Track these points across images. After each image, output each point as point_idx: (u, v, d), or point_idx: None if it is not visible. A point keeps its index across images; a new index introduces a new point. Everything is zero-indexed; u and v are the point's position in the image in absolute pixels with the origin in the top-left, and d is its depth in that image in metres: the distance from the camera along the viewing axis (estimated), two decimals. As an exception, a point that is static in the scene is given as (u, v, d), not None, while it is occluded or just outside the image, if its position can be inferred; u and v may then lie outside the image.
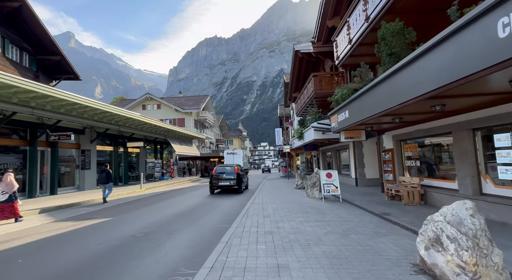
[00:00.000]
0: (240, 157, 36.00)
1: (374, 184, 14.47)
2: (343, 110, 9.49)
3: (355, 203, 9.24)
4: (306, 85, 17.83)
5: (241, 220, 6.78)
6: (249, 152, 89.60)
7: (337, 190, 10.03)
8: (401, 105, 5.72)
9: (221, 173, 14.43)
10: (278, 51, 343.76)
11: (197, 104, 38.65)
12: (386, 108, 6.36)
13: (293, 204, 9.32)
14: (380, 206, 8.50)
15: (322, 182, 10.20)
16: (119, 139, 19.47)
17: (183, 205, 10.35)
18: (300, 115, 21.50)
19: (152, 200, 12.16)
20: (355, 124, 8.76)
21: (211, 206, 9.99)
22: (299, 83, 23.74)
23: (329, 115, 11.43)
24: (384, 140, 11.51)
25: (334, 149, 19.71)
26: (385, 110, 6.40)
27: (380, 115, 6.91)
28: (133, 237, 5.63)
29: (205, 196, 13.13)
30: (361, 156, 14.91)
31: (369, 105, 7.38)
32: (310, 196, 11.17)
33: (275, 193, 13.16)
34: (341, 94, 9.51)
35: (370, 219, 6.85)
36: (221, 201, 11.23)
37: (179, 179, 25.97)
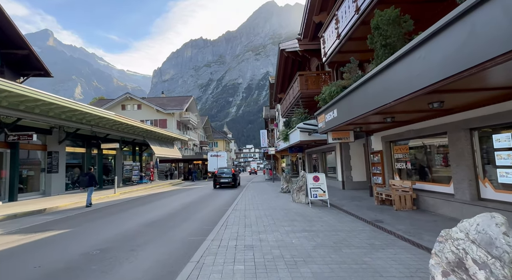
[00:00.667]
0: (224, 160, 35.05)
1: (362, 188, 14.00)
2: (331, 109, 8.88)
3: (344, 208, 8.62)
4: (292, 85, 17.26)
5: (219, 231, 5.95)
6: (234, 155, 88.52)
7: (325, 194, 9.39)
8: (396, 101, 5.12)
9: (222, 173, 20.09)
10: (264, 54, 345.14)
11: (180, 104, 37.41)
12: (379, 106, 5.75)
13: (278, 211, 8.58)
14: (371, 211, 7.91)
15: (309, 186, 9.53)
16: (92, 140, 18.11)
17: (156, 212, 9.38)
18: (286, 116, 20.91)
19: (124, 207, 11.09)
20: (344, 124, 8.17)
21: (188, 213, 9.09)
22: (284, 84, 23.20)
23: (316, 115, 10.83)
24: (373, 142, 11.02)
25: (320, 151, 19.22)
26: (378, 108, 5.80)
27: (371, 113, 6.31)
28: (85, 256, 4.68)
29: (183, 202, 12.18)
30: (348, 158, 14.43)
31: (359, 103, 6.79)
32: (296, 201, 10.48)
33: (259, 197, 12.40)
34: (329, 92, 8.91)
35: (362, 227, 6.20)
36: (199, 208, 10.34)
37: (159, 182, 24.72)
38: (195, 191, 18.01)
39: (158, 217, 8.43)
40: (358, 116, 6.94)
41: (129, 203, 12.07)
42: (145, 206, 10.99)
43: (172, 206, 10.71)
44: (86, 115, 14.02)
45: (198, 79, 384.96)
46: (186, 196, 14.82)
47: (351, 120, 7.47)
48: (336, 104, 8.41)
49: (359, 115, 6.82)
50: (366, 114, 6.47)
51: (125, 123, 17.32)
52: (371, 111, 6.21)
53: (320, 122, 10.41)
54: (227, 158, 35.79)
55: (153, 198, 14.18)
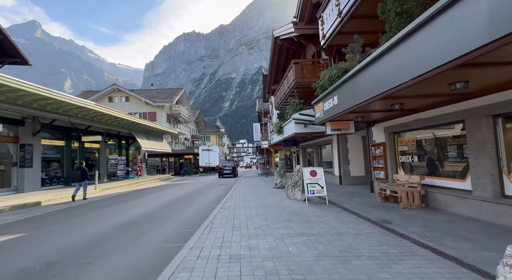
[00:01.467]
0: (216, 154, 34.04)
1: (360, 183, 13.21)
2: (331, 96, 7.95)
3: (345, 206, 7.76)
4: (286, 74, 16.29)
5: (201, 236, 4.99)
6: (227, 149, 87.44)
7: (323, 190, 8.50)
8: (415, 80, 4.20)
9: (225, 167, 26.99)
10: (257, 48, 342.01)
11: (170, 97, 36.05)
12: (391, 87, 4.83)
13: (271, 209, 7.66)
14: (375, 210, 7.06)
15: (305, 182, 8.63)
16: (72, 132, 16.86)
17: (134, 212, 8.37)
18: (280, 108, 19.96)
19: (100, 204, 10.03)
20: (345, 113, 7.24)
21: (170, 212, 8.10)
22: (278, 74, 22.18)
23: (313, 103, 9.89)
24: (374, 133, 10.17)
25: (316, 144, 18.37)
26: (390, 90, 4.88)
27: (380, 98, 5.39)
28: (23, 272, 3.67)
29: (167, 199, 11.17)
30: (345, 151, 13.59)
31: (365, 86, 5.86)
32: (291, 198, 9.58)
33: (251, 194, 11.48)
34: (329, 76, 7.96)
35: (369, 229, 5.32)
36: (183, 206, 9.36)
37: (147, 177, 23.58)
38: (183, 186, 17.00)
39: (135, 217, 7.42)
40: (363, 102, 6.02)
41: (108, 201, 11.01)
42: (124, 204, 9.96)
43: (154, 204, 9.69)
44: (62, 104, 12.79)
45: (191, 73, 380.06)
46: (172, 192, 13.80)
47: (354, 108, 6.55)
48: (336, 89, 7.47)
49: (365, 100, 5.89)
50: (373, 99, 5.55)
51: (107, 114, 16.10)
52: (379, 95, 5.29)
53: (318, 112, 9.48)
54: (219, 152, 34.78)
55: (136, 194, 13.12)
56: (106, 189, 15.03)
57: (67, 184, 16.48)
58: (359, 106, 6.33)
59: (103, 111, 15.43)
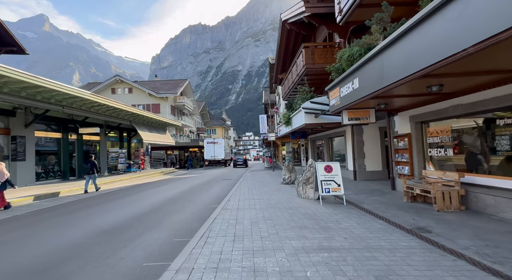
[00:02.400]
0: (222, 147, 33.11)
1: (376, 178, 12.05)
2: (350, 79, 6.74)
3: (365, 207, 6.64)
4: (295, 60, 15.03)
5: (194, 250, 3.96)
6: (233, 142, 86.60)
7: (340, 189, 7.38)
8: (486, 43, 3.00)
9: (238, 159, 33.61)
10: (264, 40, 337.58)
11: (174, 88, 35.03)
12: (437, 61, 3.66)
13: (280, 211, 6.59)
14: (404, 213, 5.93)
15: (319, 178, 7.52)
16: (69, 124, 16.02)
17: (123, 212, 7.41)
18: (288, 98, 18.76)
19: (90, 202, 9.12)
20: (368, 98, 6.04)
21: (163, 213, 7.11)
22: (286, 63, 20.88)
23: (327, 89, 8.68)
24: (397, 123, 8.94)
25: (326, 136, 17.15)
26: (436, 65, 3.71)
27: (419, 76, 4.21)
28: None
29: (165, 196, 10.22)
30: (360, 144, 12.38)
31: (397, 63, 4.66)
32: (302, 196, 8.50)
33: (257, 190, 10.43)
34: (348, 54, 6.74)
35: (405, 241, 4.21)
36: (180, 205, 8.37)
37: (150, 171, 22.79)
38: (185, 181, 16.08)
39: (122, 219, 6.45)
40: (394, 83, 4.83)
41: (101, 198, 10.11)
42: (117, 202, 9.03)
43: (149, 203, 8.73)
44: (53, 93, 11.86)
45: (197, 66, 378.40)
46: (172, 188, 12.87)
47: (381, 91, 5.36)
48: (358, 70, 6.26)
49: (397, 81, 4.71)
50: (409, 78, 4.38)
51: (104, 105, 15.17)
52: (418, 73, 4.13)
53: (333, 99, 8.29)
54: (224, 145, 33.83)
55: (133, 190, 12.23)
56: (104, 184, 14.18)
57: (65, 178, 15.73)
58: (388, 89, 5.14)
59: (100, 101, 14.49)
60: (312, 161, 8.40)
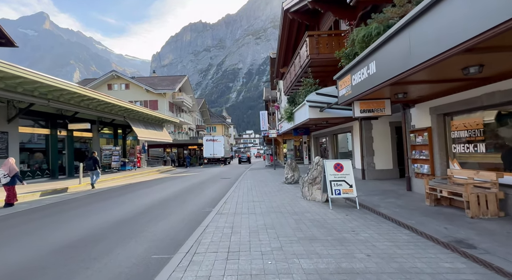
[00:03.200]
0: (221, 144, 32.17)
1: (387, 177, 11.12)
2: (365, 63, 5.77)
3: (383, 211, 5.69)
4: (299, 51, 14.05)
5: (173, 274, 3.02)
6: (233, 140, 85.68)
7: (352, 190, 6.43)
8: None
9: (243, 157, 39.16)
10: (264, 38, 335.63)
11: (172, 84, 34.06)
12: (498, 24, 2.72)
13: (284, 217, 5.65)
14: (430, 219, 4.99)
15: (328, 178, 6.57)
16: (58, 120, 15.09)
17: (104, 217, 6.50)
18: (290, 92, 17.77)
19: (72, 205, 8.21)
20: (387, 84, 5.09)
21: (146, 220, 6.18)
22: (288, 56, 19.90)
23: (336, 78, 7.71)
24: (414, 116, 7.99)
25: (331, 133, 16.20)
26: (493, 30, 2.78)
27: (462, 49, 3.26)
28: None
29: (154, 198, 9.30)
30: (369, 140, 11.43)
31: (431, 37, 3.71)
32: (307, 198, 7.56)
33: (258, 191, 9.50)
34: (364, 34, 5.77)
35: (448, 261, 3.27)
36: (169, 209, 7.44)
37: (146, 169, 21.88)
38: (182, 180, 15.17)
39: (96, 228, 5.51)
40: (425, 63, 3.90)
41: (84, 199, 9.19)
42: (99, 205, 8.11)
43: (135, 205, 7.81)
44: (36, 84, 10.91)
45: (197, 64, 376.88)
46: (166, 187, 11.96)
47: (406, 74, 4.42)
48: (375, 52, 5.29)
49: (429, 59, 3.77)
50: (449, 52, 3.43)
51: (95, 99, 14.22)
52: (466, 43, 3.17)
53: (343, 89, 7.32)
54: (224, 142, 32.87)
55: (123, 190, 11.32)
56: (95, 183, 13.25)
57: (53, 177, 14.83)
58: (414, 71, 4.21)
59: (89, 95, 13.54)
60: (319, 158, 7.46)
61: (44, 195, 9.95)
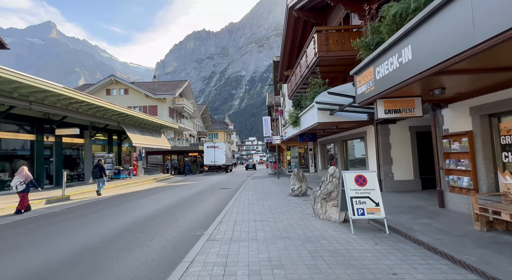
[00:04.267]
0: (223, 151, 30.93)
1: (407, 189, 9.77)
2: (395, 50, 4.53)
3: (423, 239, 4.36)
4: (305, 50, 12.90)
5: None
6: (236, 147, 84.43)
7: (379, 209, 5.10)
8: None
9: (249, 164, 43.62)
10: (267, 46, 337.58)
11: (172, 89, 33.09)
12: None
13: (295, 246, 4.34)
14: (492, 252, 3.65)
15: (348, 194, 5.25)
16: (45, 124, 13.97)
17: (60, 246, 5.23)
18: (295, 95, 16.56)
19: (21, 229, 6.94)
20: (430, 73, 3.85)
21: (114, 250, 4.89)
22: (292, 58, 18.78)
23: (353, 73, 6.48)
24: (447, 118, 6.69)
25: (340, 139, 14.90)
26: None
27: None
28: None
29: (141, 214, 8.02)
30: (387, 147, 10.12)
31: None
32: (320, 217, 6.23)
33: (260, 205, 8.18)
34: (396, 11, 4.54)
35: None
36: (152, 233, 6.15)
37: (142, 178, 20.62)
38: (177, 190, 13.88)
39: (38, 266, 4.23)
40: (500, 35, 2.67)
41: (47, 219, 7.93)
42: (64, 225, 6.83)
43: (108, 227, 6.50)
44: (14, 84, 9.80)
45: (201, 71, 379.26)
46: (158, 200, 10.69)
47: (464, 56, 3.19)
48: (413, 33, 4.06)
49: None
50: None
51: (84, 102, 13.10)
52: None
53: (362, 85, 6.08)
54: (225, 149, 31.62)
55: (106, 204, 10.05)
56: (81, 194, 12.02)
57: (38, 186, 13.57)
58: (484, 48, 2.96)
59: (78, 97, 12.43)
60: (335, 169, 6.16)
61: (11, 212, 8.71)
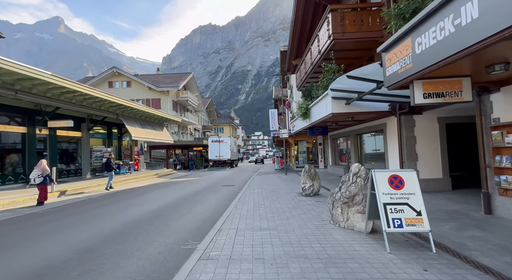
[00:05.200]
0: (228, 146, 29.92)
1: (435, 189, 8.57)
2: (448, 10, 3.33)
3: (489, 265, 3.20)
4: (317, 33, 11.64)
5: None
6: (241, 142, 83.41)
7: (422, 220, 3.93)
8: None
9: (258, 158, 49.14)
10: (274, 40, 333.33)
11: (176, 82, 32.05)
12: None
13: (314, 271, 3.23)
14: None
15: (380, 199, 4.09)
16: (37, 116, 13.08)
17: (22, 265, 4.22)
18: (304, 85, 15.32)
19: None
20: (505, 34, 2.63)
21: (79, 273, 3.87)
22: (301, 45, 17.49)
23: (381, 50, 5.27)
24: (499, 105, 5.45)
25: (354, 133, 13.67)
26: None
27: None
28: None
29: (130, 217, 7.02)
30: (411, 142, 8.88)
31: None
32: (341, 225, 5.10)
33: (267, 207, 7.09)
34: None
35: None
36: (136, 243, 5.12)
37: (143, 173, 19.75)
38: (177, 187, 12.90)
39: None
40: None
41: (27, 221, 6.99)
42: (34, 232, 5.87)
43: (83, 236, 5.52)
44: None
45: (207, 66, 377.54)
46: (153, 199, 9.71)
47: None
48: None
49: None
50: None
51: (77, 91, 12.11)
52: None
53: (394, 63, 4.89)
54: (231, 144, 30.59)
55: (91, 204, 9.10)
56: (72, 191, 11.12)
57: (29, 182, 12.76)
58: None
59: (69, 87, 11.43)
60: (359, 167, 4.99)
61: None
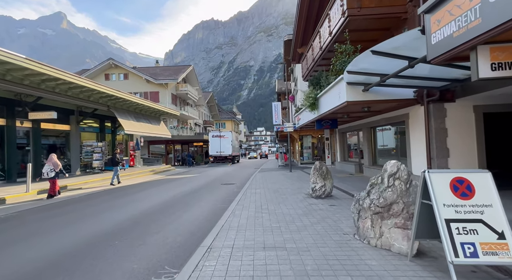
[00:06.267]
0: (229, 141, 28.66)
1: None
2: None
3: None
4: (328, 12, 10.28)
5: None
6: (243, 137, 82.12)
7: (508, 246, 2.65)
8: None
9: (263, 154, 60.11)
10: (276, 35, 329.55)
11: (175, 74, 30.69)
12: None
13: None
14: None
15: (440, 214, 2.79)
16: (16, 107, 11.86)
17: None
18: (312, 73, 13.93)
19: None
20: None
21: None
22: (308, 32, 16.01)
23: (425, 11, 3.87)
24: None
25: (367, 125, 12.32)
26: None
27: None
28: None
29: (106, 225, 5.80)
30: (442, 134, 7.53)
31: None
32: (371, 242, 3.81)
33: (272, 213, 5.82)
34: None
35: None
36: (97, 266, 3.86)
37: (138, 169, 18.58)
38: (171, 186, 11.69)
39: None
40: None
41: (18, 219, 5.78)
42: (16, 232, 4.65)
43: (46, 252, 4.29)
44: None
45: (209, 61, 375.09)
46: (141, 199, 8.48)
47: None
48: None
49: None
50: None
51: (60, 79, 10.85)
52: None
53: (445, 24, 3.51)
54: (232, 139, 29.33)
55: (64, 208, 7.89)
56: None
57: (10, 180, 11.61)
58: None
59: (49, 73, 10.17)
60: (398, 164, 3.67)
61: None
